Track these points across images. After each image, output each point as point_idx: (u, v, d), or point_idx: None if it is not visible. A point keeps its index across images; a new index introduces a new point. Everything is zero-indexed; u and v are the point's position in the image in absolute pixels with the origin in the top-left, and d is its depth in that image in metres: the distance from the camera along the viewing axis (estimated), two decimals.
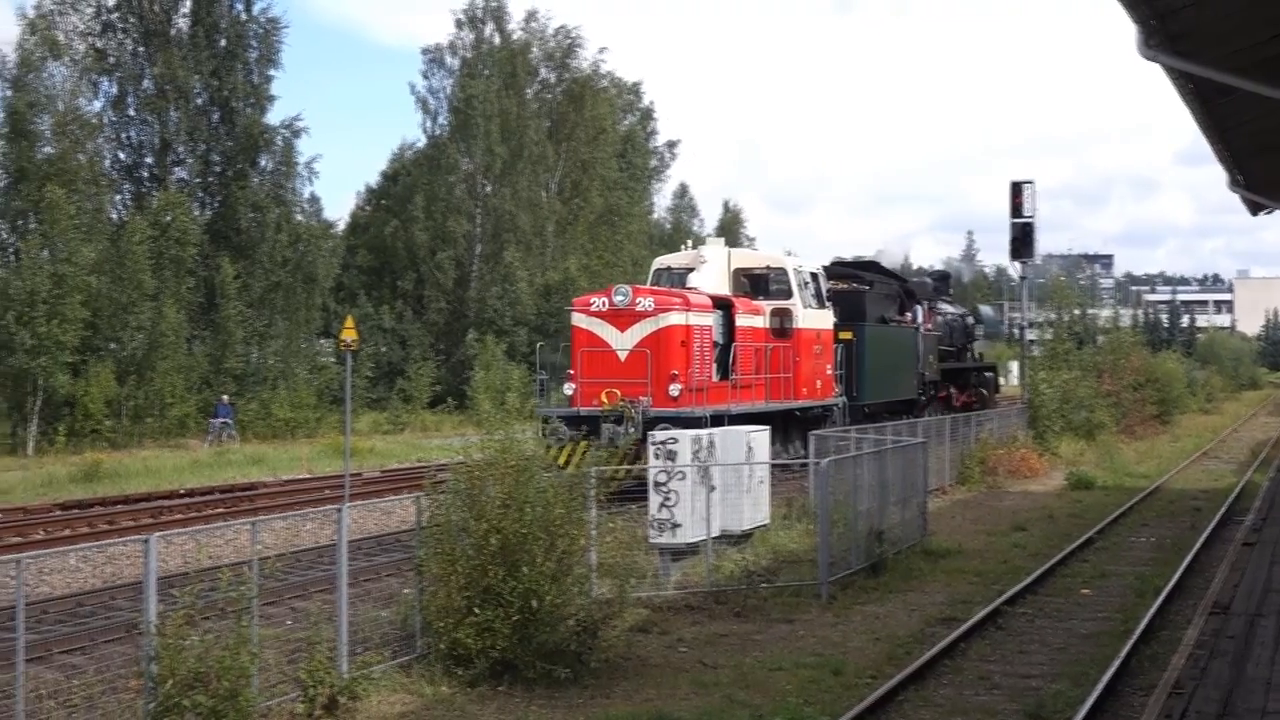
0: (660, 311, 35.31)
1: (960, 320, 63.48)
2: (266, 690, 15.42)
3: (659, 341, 35.07)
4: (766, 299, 41.18)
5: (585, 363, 35.57)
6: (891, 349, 50.99)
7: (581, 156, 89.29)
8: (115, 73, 70.35)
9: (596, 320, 35.72)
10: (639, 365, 34.77)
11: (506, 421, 19.30)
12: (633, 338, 35.18)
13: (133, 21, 70.50)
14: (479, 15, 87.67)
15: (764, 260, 43.52)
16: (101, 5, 70.07)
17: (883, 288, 52.58)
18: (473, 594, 17.48)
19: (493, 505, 17.63)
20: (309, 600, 21.46)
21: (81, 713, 14.44)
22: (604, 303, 35.80)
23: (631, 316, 35.33)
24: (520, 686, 17.30)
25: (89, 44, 69.34)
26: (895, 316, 53.10)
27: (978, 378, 64.25)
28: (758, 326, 39.85)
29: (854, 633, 20.88)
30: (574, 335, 36.29)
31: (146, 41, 70.41)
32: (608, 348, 35.39)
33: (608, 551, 19.49)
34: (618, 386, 34.62)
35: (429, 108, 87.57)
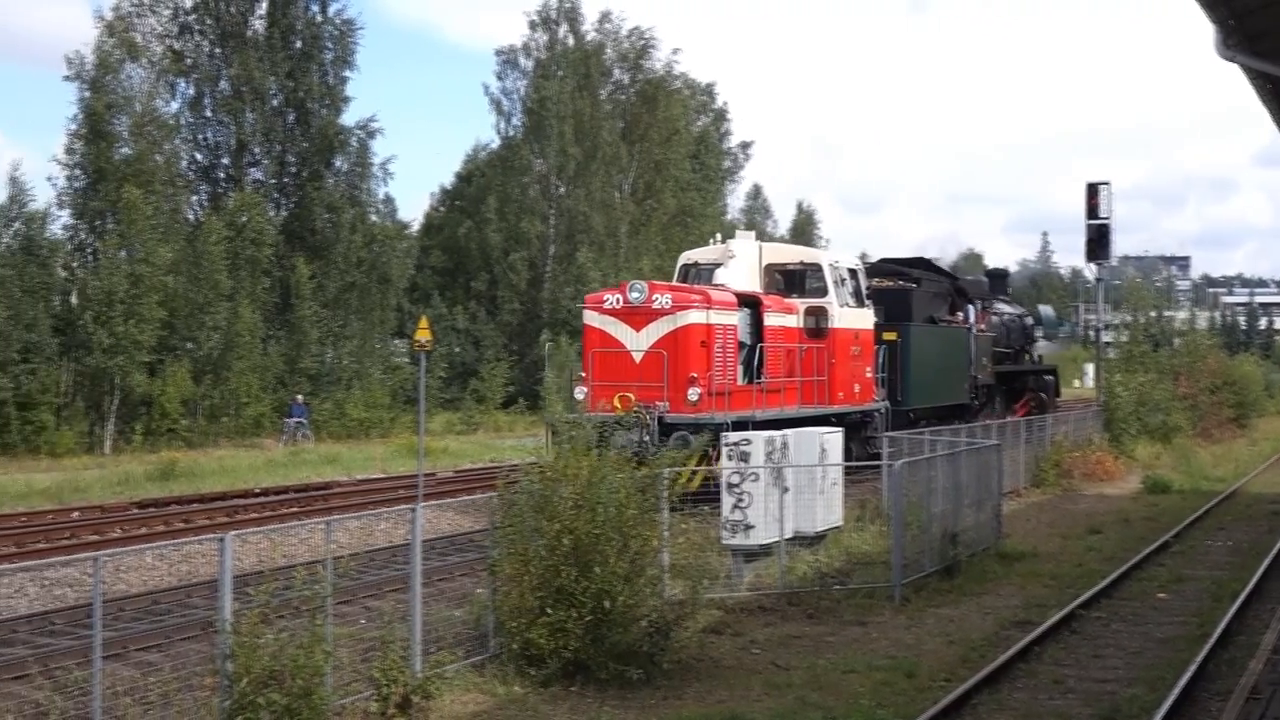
0: (678, 309, 32.64)
1: (1018, 321, 59.84)
2: (340, 689, 15.47)
3: (676, 342, 32.49)
4: (800, 297, 38.51)
5: (597, 365, 33.01)
6: (940, 350, 47.99)
7: (655, 157, 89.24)
8: (192, 74, 70.81)
9: (610, 319, 33.17)
10: (655, 367, 32.27)
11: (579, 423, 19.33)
12: (648, 338, 32.63)
13: (210, 23, 70.94)
14: (553, 16, 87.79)
15: (797, 255, 41.00)
16: (179, 7, 70.56)
17: (932, 286, 49.70)
18: (545, 594, 17.49)
19: (565, 506, 17.64)
20: (383, 599, 21.52)
21: (157, 710, 14.52)
22: (618, 300, 33.19)
23: (647, 315, 32.77)
24: (592, 687, 17.31)
25: (166, 46, 69.78)
26: (945, 316, 50.24)
27: (1036, 381, 60.24)
28: (789, 326, 37.20)
29: (927, 635, 20.79)
30: (586, 335, 34.07)
31: (223, 43, 70.83)
32: (621, 348, 32.89)
33: (680, 552, 19.48)
34: (632, 390, 32.12)
35: (503, 109, 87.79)
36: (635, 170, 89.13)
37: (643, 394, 31.92)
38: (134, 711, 14.27)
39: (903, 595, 23.04)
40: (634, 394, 31.87)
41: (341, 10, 74.02)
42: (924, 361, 45.58)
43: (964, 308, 51.53)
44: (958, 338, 49.79)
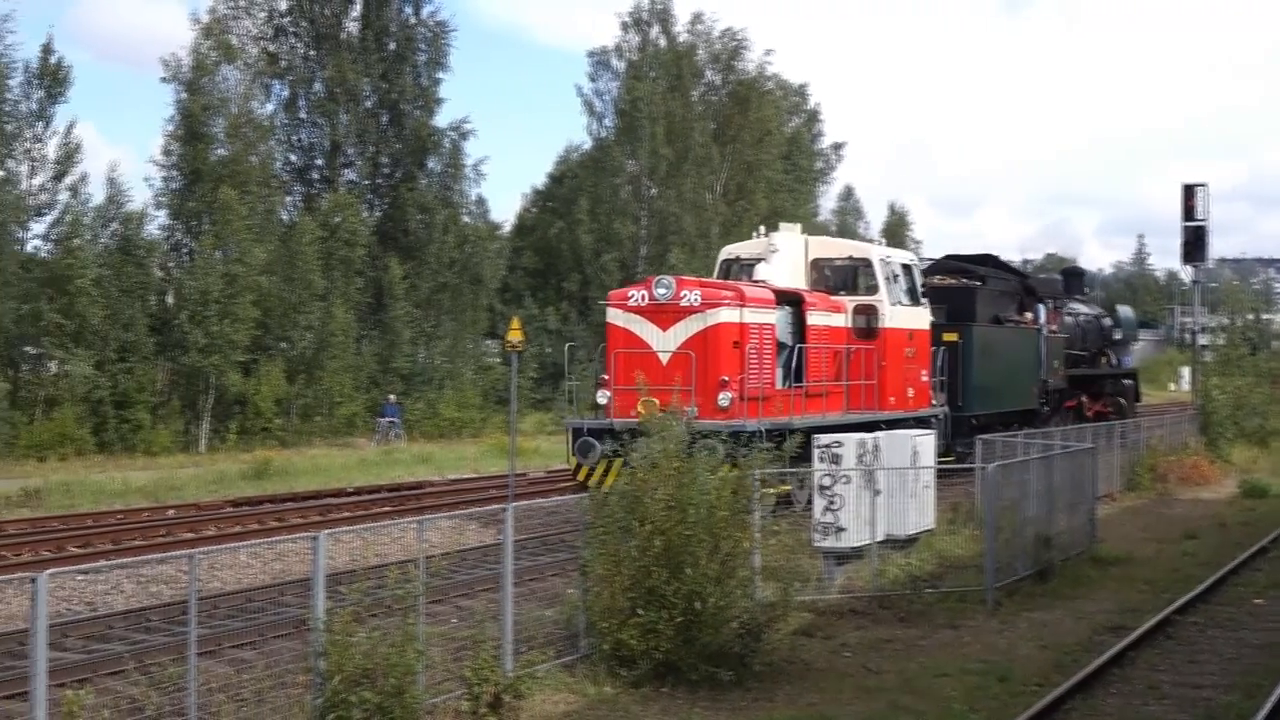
0: (709, 307, 30.36)
1: (1094, 321, 56.83)
2: (432, 688, 15.53)
3: (706, 342, 30.21)
4: (849, 294, 36.01)
5: (620, 366, 30.74)
6: (1006, 353, 45.41)
7: (746, 159, 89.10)
8: (287, 76, 71.31)
9: (635, 317, 30.85)
10: (683, 369, 29.82)
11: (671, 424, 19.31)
12: (676, 338, 30.41)
13: (304, 25, 71.42)
14: (645, 18, 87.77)
15: (845, 249, 38.09)
16: (274, 9, 71.09)
17: (998, 284, 47.28)
18: (637, 595, 17.50)
19: (657, 507, 17.64)
20: (474, 599, 21.60)
21: (251, 706, 14.62)
22: (643, 296, 30.84)
23: (675, 313, 30.51)
24: (683, 688, 17.30)
25: (261, 48, 70.33)
26: (1013, 316, 47.65)
27: (1114, 385, 57.32)
28: (836, 326, 34.76)
29: (1020, 640, 20.66)
30: (609, 335, 31.52)
31: (317, 45, 71.30)
32: (647, 349, 30.56)
33: (771, 554, 19.44)
34: (658, 395, 28.15)
35: (595, 110, 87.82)
36: (727, 171, 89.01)
37: (670, 398, 27.54)
38: (228, 708, 14.37)
39: (995, 599, 22.90)
40: (659, 398, 27.56)
41: (435, 12, 74.23)
42: (988, 364, 43.45)
43: (1034, 307, 49.25)
44: (1026, 339, 47.61)
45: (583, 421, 31.29)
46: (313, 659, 14.29)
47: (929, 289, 40.89)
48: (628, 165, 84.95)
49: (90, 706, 13.03)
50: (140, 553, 27.21)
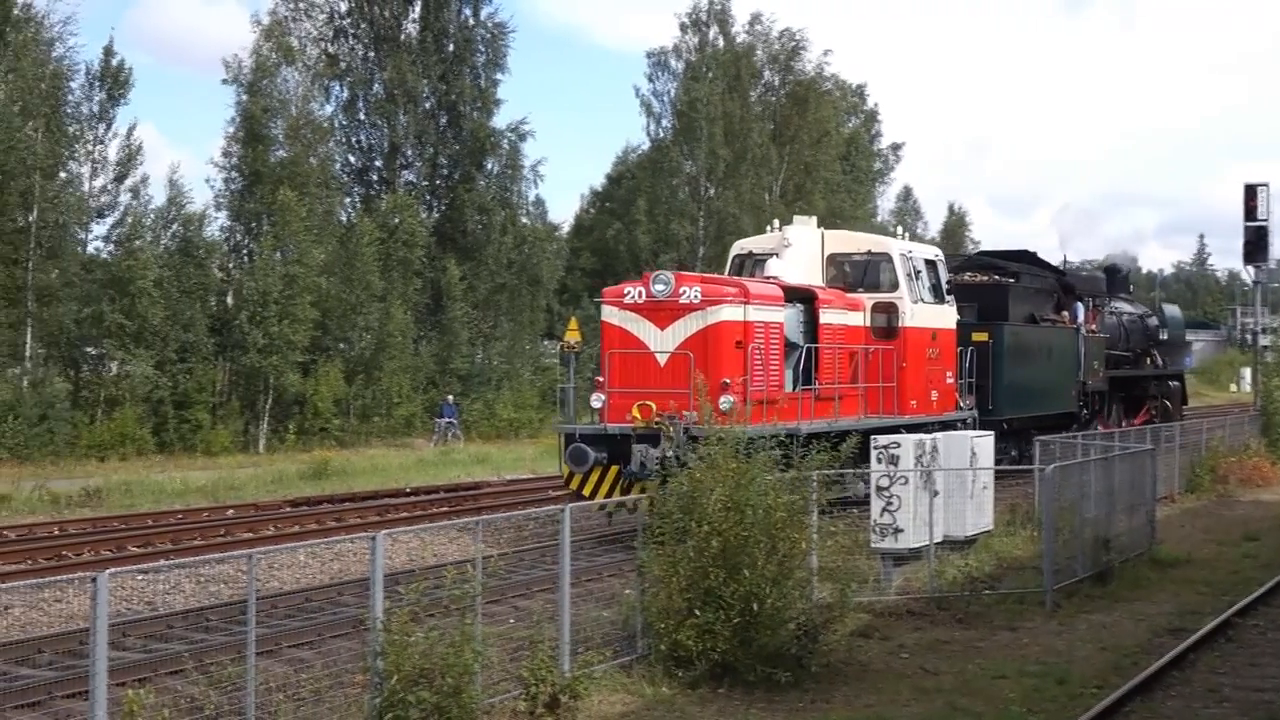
0: (709, 305, 28.58)
1: (1138, 321, 54.93)
2: (489, 687, 15.56)
3: (707, 342, 28.45)
4: (867, 291, 34.08)
5: (616, 368, 29.14)
6: (1041, 353, 43.33)
7: (805, 159, 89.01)
8: (346, 77, 71.61)
9: (631, 315, 29.09)
10: (682, 371, 27.97)
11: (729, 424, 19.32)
12: (675, 337, 28.65)
13: (364, 27, 71.72)
14: (703, 19, 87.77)
15: (864, 244, 35.74)
16: (334, 11, 71.42)
17: (1033, 281, 45.36)
18: (694, 596, 17.49)
19: (715, 508, 17.63)
20: (531, 599, 21.64)
21: (309, 706, 14.69)
22: (640, 293, 29.09)
23: (674, 311, 28.73)
24: (740, 689, 17.28)
25: (321, 49, 70.63)
26: (1049, 315, 45.82)
27: (1159, 387, 55.40)
28: (852, 325, 33.01)
29: (1079, 641, 20.56)
30: (604, 334, 29.90)
31: (377, 47, 71.57)
32: (644, 349, 28.85)
33: (829, 555, 19.40)
34: (655, 398, 28.26)
35: (653, 111, 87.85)
36: (785, 172, 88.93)
37: (667, 402, 27.98)
38: (286, 707, 14.44)
39: (1054, 601, 22.79)
40: (656, 402, 28.10)
41: (493, 13, 74.33)
42: (1020, 365, 41.46)
43: (1071, 306, 47.28)
44: (1063, 339, 45.53)
45: (575, 427, 29.80)
46: (371, 659, 14.35)
47: (958, 287, 39.62)
48: (685, 166, 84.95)
49: (150, 706, 13.11)
50: (199, 552, 27.37)
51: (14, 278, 54.10)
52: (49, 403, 53.13)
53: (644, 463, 27.17)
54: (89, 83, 60.18)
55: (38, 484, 38.53)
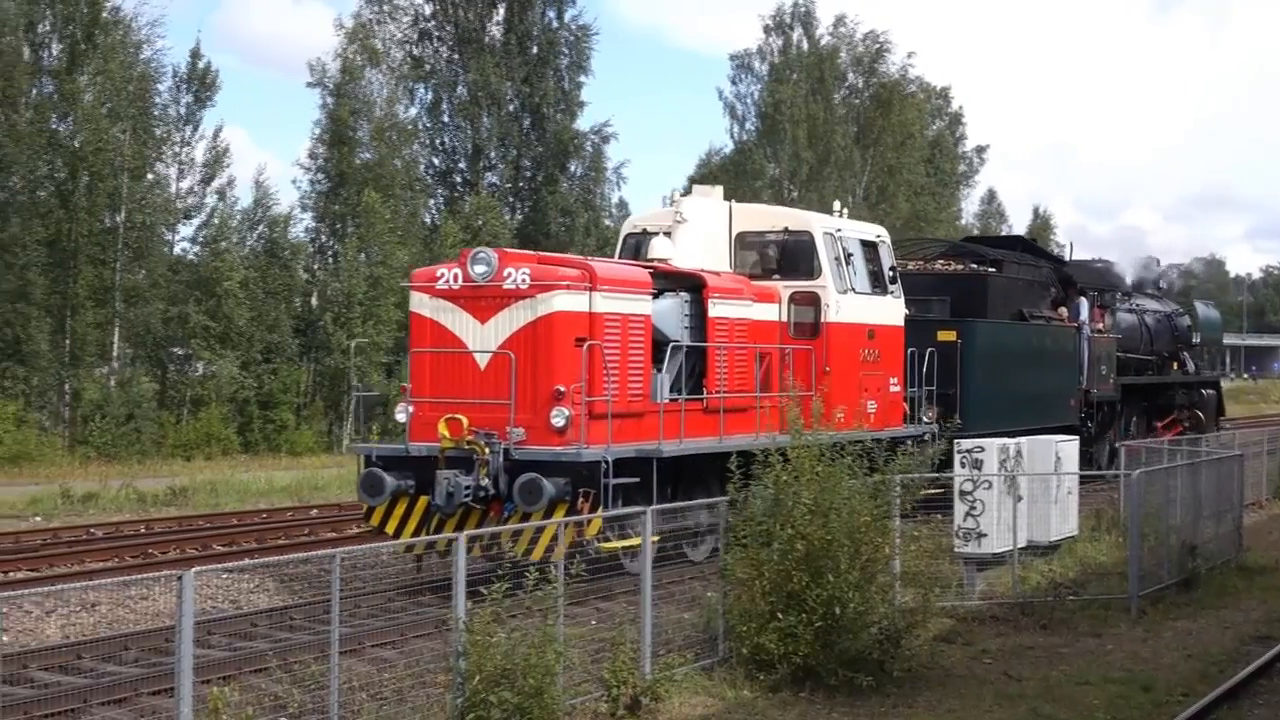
0: (540, 291, 22.63)
1: (1164, 321, 47.44)
2: (571, 688, 15.57)
3: (537, 338, 22.56)
4: (785, 278, 27.94)
5: (427, 372, 23.45)
6: (1028, 357, 36.71)
7: (888, 162, 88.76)
8: (430, 80, 71.92)
9: (445, 305, 23.24)
10: (506, 376, 22.47)
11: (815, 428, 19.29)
12: (499, 333, 22.81)
13: (448, 30, 71.99)
14: (787, 21, 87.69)
15: (779, 219, 29.07)
16: (418, 14, 71.74)
17: (1021, 271, 39.03)
18: (776, 599, 17.45)
19: (799, 511, 17.59)
20: (613, 601, 21.63)
21: (391, 705, 14.76)
22: (456, 276, 23.16)
23: (497, 299, 22.87)
24: (822, 693, 17.23)
25: (406, 52, 70.97)
26: (1043, 312, 39.20)
27: (1188, 396, 47.86)
28: (759, 319, 26.93)
29: (1164, 649, 20.38)
30: (412, 328, 24.02)
31: (461, 49, 71.82)
32: (462, 348, 23.02)
33: (912, 560, 19.32)
34: (472, 410, 22.55)
35: (736, 113, 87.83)
36: (868, 175, 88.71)
37: (487, 415, 22.55)
38: (369, 706, 14.53)
39: (1139, 607, 22.60)
40: (471, 415, 22.52)
41: (577, 16, 74.41)
42: (999, 371, 34.84)
43: (1073, 302, 40.67)
44: (1059, 340, 39.00)
45: (370, 447, 24.39)
46: (453, 659, 14.41)
47: (927, 277, 35.50)
48: (769, 168, 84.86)
49: (234, 703, 13.21)
50: (283, 552, 27.51)
51: (102, 278, 54.64)
52: (136, 402, 53.74)
53: (451, 493, 22.00)
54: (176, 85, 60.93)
55: (125, 483, 38.88)
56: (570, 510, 21.45)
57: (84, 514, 34.55)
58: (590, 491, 21.83)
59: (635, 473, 22.74)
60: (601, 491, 21.82)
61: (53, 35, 56.35)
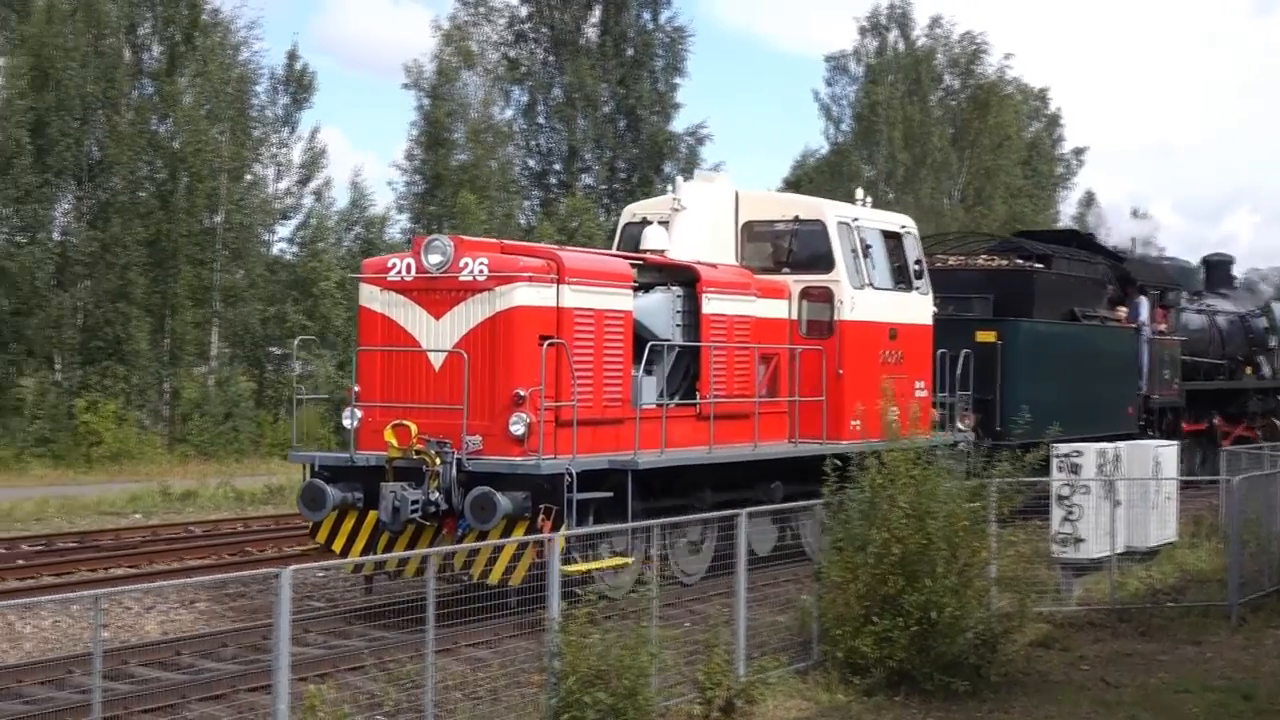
0: (498, 283, 20.52)
1: (1237, 323, 44.43)
2: (664, 690, 15.58)
3: (495, 337, 20.52)
4: (795, 271, 25.89)
5: (377, 372, 21.33)
6: (1080, 360, 34.06)
7: (985, 164, 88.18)
8: (526, 82, 72.07)
9: (397, 299, 21.20)
10: (460, 378, 20.40)
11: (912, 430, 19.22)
12: (454, 330, 20.78)
13: (544, 32, 72.12)
14: (883, 22, 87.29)
15: (789, 207, 26.85)
16: (514, 16, 71.89)
17: (1074, 268, 36.39)
18: (872, 603, 17.40)
19: (896, 515, 17.51)
20: (707, 603, 21.59)
21: (486, 704, 14.82)
22: (409, 267, 21.09)
23: (453, 292, 20.81)
24: (917, 697, 17.15)
25: (502, 54, 71.17)
26: (1098, 311, 36.51)
27: (1262, 402, 44.66)
28: (763, 317, 24.80)
29: (1266, 657, 20.14)
30: (361, 324, 22.00)
31: (556, 51, 71.91)
32: (415, 346, 21.02)
33: (1008, 565, 19.20)
34: (425, 415, 20.62)
35: (832, 114, 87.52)
36: (965, 177, 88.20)
37: (441, 422, 20.51)
38: (463, 705, 14.58)
39: (1240, 615, 22.34)
40: (422, 421, 20.53)
41: (672, 18, 74.27)
42: (1045, 375, 32.41)
43: (1132, 301, 37.90)
44: (1115, 342, 36.43)
45: (312, 455, 22.40)
46: (547, 659, 14.45)
47: (968, 273, 33.41)
48: (865, 170, 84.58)
49: (331, 701, 13.29)
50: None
51: (201, 278, 55.10)
52: (234, 401, 54.16)
53: (397, 508, 20.00)
54: (273, 87, 61.36)
55: (222, 481, 39.23)
56: (530, 529, 19.50)
57: (183, 511, 34.92)
58: (553, 508, 19.57)
59: (610, 486, 20.65)
60: (565, 507, 19.50)
61: (153, 37, 56.86)
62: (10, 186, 49.85)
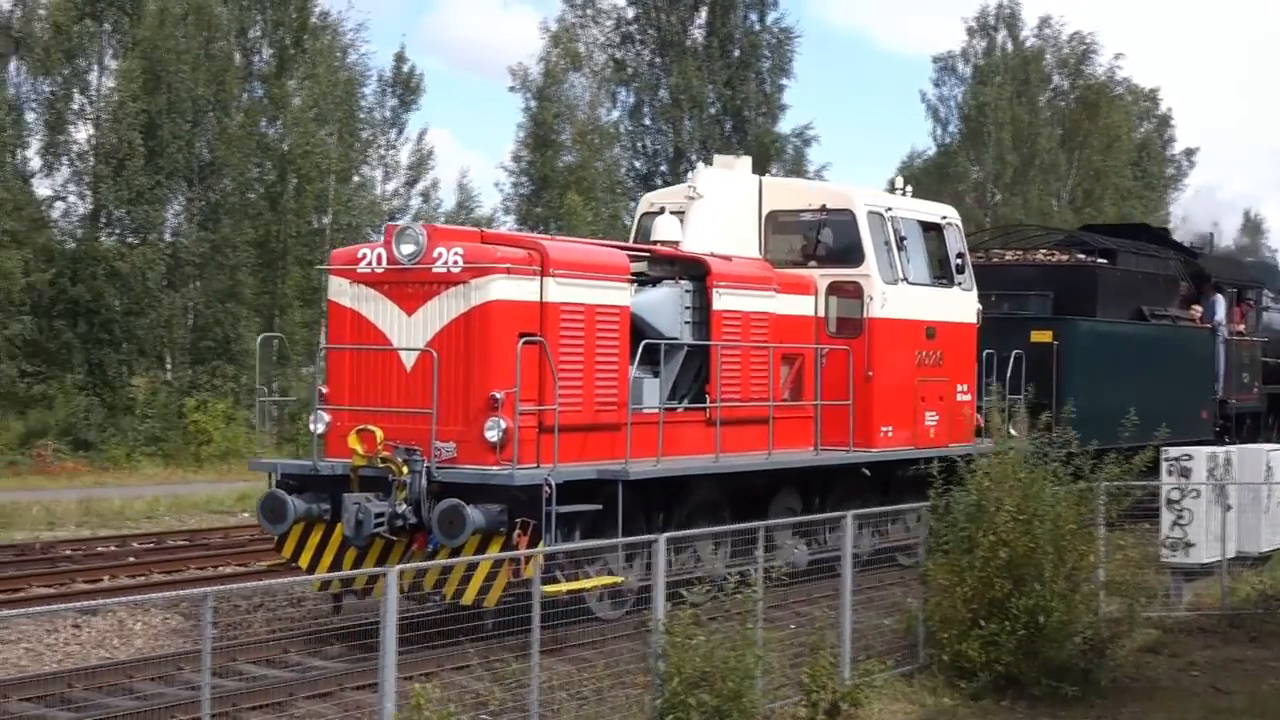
0: (473, 275, 18.60)
1: None
2: (769, 692, 15.55)
3: (470, 334, 18.61)
4: (822, 265, 23.92)
5: (346, 373, 19.50)
6: (1149, 362, 31.65)
7: (1094, 165, 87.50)
8: (633, 83, 72.18)
9: (368, 293, 19.33)
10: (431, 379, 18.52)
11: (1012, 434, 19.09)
12: (427, 326, 18.87)
13: (651, 33, 72.19)
14: (991, 23, 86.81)
15: (816, 196, 24.56)
16: (621, 17, 72.03)
17: (1141, 263, 33.92)
18: (979, 606, 17.30)
19: (1003, 518, 17.39)
20: (813, 605, 21.52)
21: (591, 705, 14.84)
22: (380, 258, 19.17)
23: (426, 285, 18.95)
24: (1024, 702, 17.04)
25: (609, 55, 71.32)
26: (1169, 310, 34.15)
27: None
28: (783, 314, 22.79)
29: None
30: (330, 320, 20.35)
31: (663, 52, 71.98)
32: (386, 344, 19.15)
33: (1117, 569, 19.04)
34: (393, 421, 18.75)
35: (939, 116, 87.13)
36: (1074, 178, 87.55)
37: (414, 427, 18.64)
38: (568, 705, 14.61)
39: None
40: (392, 427, 18.72)
41: (779, 19, 74.14)
42: (1105, 377, 29.92)
43: (1208, 300, 35.36)
44: (1188, 343, 34.08)
45: (274, 463, 20.51)
46: (652, 660, 14.46)
47: (1024, 269, 31.43)
48: (972, 172, 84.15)
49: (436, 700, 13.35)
50: None
51: (309, 279, 55.53)
52: None
53: (360, 521, 18.28)
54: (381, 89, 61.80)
55: None
56: (506, 545, 17.90)
57: None
58: (530, 522, 17.83)
59: (606, 498, 18.86)
60: (544, 521, 17.76)
61: (263, 40, 57.46)
62: (123, 188, 50.46)
